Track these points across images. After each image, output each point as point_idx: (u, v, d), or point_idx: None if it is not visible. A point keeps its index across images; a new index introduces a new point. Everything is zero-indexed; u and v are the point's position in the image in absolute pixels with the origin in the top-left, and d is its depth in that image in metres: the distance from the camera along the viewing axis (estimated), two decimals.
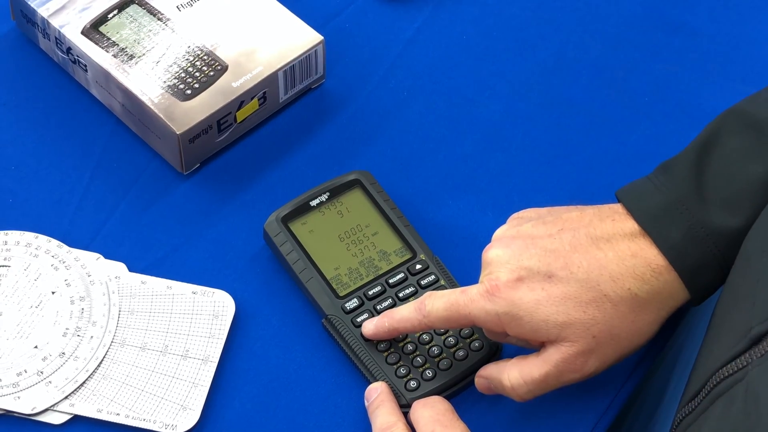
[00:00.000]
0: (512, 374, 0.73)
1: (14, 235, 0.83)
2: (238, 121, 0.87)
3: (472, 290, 0.73)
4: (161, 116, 0.84)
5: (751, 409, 0.58)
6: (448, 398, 0.76)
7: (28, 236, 0.83)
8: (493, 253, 0.73)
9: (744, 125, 0.73)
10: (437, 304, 0.74)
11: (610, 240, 0.72)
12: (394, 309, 0.77)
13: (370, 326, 0.77)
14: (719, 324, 0.68)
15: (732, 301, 0.68)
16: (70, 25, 0.89)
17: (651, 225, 0.71)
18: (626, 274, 0.71)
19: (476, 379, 0.76)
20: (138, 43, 0.88)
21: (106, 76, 0.87)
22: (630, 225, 0.72)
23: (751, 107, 0.74)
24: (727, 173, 0.72)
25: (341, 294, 0.80)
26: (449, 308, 0.73)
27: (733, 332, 0.64)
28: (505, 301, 0.71)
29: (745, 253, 0.68)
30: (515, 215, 0.77)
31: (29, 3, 0.89)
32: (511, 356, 0.75)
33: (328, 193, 0.84)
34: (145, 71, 0.86)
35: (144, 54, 0.87)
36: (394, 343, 0.78)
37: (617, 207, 0.74)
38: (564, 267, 0.71)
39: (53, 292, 0.81)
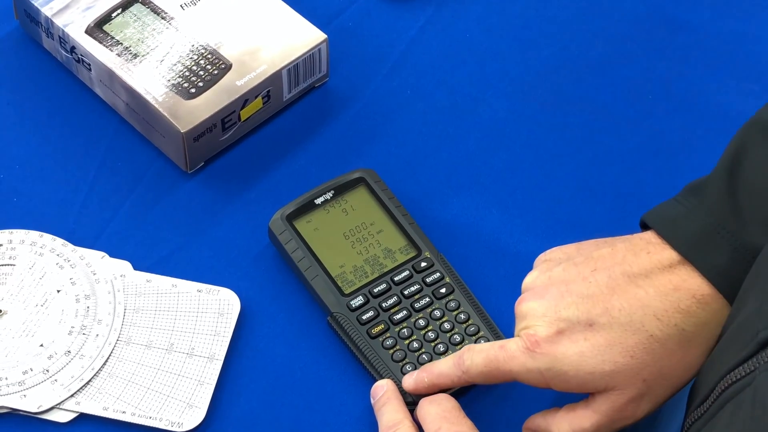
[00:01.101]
0: (562, 427, 0.70)
1: (19, 234, 0.83)
2: (242, 119, 0.87)
3: (511, 345, 0.70)
4: (165, 115, 0.84)
5: (758, 415, 0.58)
6: (455, 396, 0.76)
7: (33, 235, 0.83)
8: (527, 306, 0.71)
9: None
10: (476, 360, 0.72)
11: (649, 275, 0.68)
12: (433, 363, 0.75)
13: (410, 381, 0.75)
14: (728, 328, 0.67)
15: (741, 306, 0.66)
16: (74, 24, 0.89)
17: (693, 252, 0.68)
18: (671, 309, 0.68)
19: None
20: (142, 42, 0.88)
21: (110, 75, 0.87)
22: (668, 255, 0.69)
23: None
24: (761, 189, 0.69)
25: (346, 292, 0.80)
26: (488, 364, 0.71)
27: (741, 336, 0.63)
28: (548, 357, 0.69)
29: (759, 258, 0.67)
30: (542, 257, 0.74)
31: (33, 2, 0.90)
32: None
33: (332, 191, 0.84)
34: (149, 70, 0.86)
35: (148, 53, 0.87)
36: (399, 340, 0.78)
37: (650, 236, 0.70)
38: (604, 312, 0.68)
39: (58, 291, 0.81)
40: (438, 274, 0.81)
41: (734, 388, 0.62)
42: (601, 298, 0.69)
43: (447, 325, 0.79)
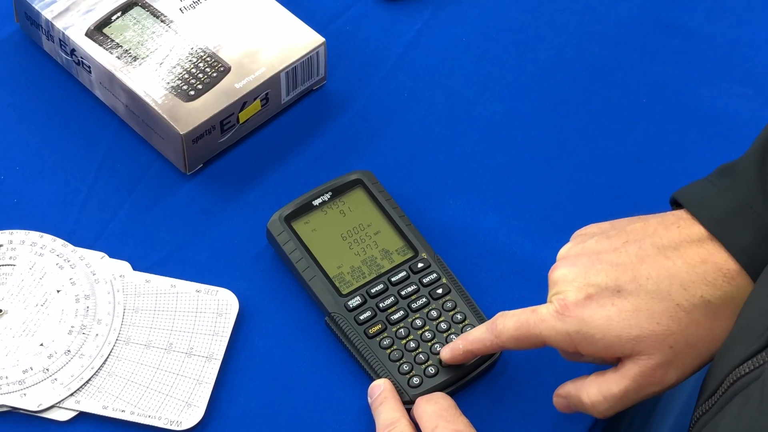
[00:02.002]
0: (591, 391, 0.71)
1: (19, 235, 0.84)
2: (241, 121, 0.88)
3: (542, 310, 0.72)
4: (165, 117, 0.85)
5: (766, 408, 0.59)
6: (451, 394, 0.77)
7: (33, 235, 0.84)
8: (559, 273, 0.72)
9: None
10: (508, 323, 0.73)
11: (678, 248, 0.70)
12: (468, 332, 0.77)
13: (446, 351, 0.77)
14: (738, 322, 0.68)
15: (751, 300, 0.67)
16: (74, 26, 0.89)
17: (720, 229, 0.70)
18: (697, 281, 0.69)
19: (554, 399, 0.75)
20: (141, 45, 0.89)
21: (110, 78, 0.88)
22: (697, 230, 0.70)
23: None
24: None
25: (344, 292, 0.81)
26: (519, 328, 0.72)
27: (751, 331, 0.64)
28: (576, 320, 0.70)
29: None
30: (578, 232, 0.75)
31: (33, 5, 0.90)
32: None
33: (330, 193, 0.84)
34: (148, 72, 0.87)
35: (147, 55, 0.88)
36: (396, 340, 0.79)
37: (681, 213, 0.72)
38: (632, 280, 0.70)
39: (58, 291, 0.81)
40: (434, 275, 0.82)
41: (743, 382, 0.63)
42: (630, 267, 0.70)
43: (443, 325, 0.80)
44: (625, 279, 0.70)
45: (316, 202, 0.84)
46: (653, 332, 0.69)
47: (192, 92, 0.86)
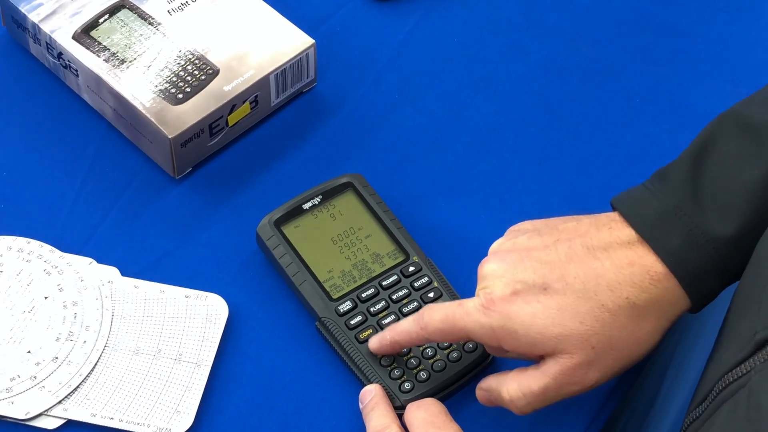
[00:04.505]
0: (511, 387, 0.72)
1: (6, 240, 0.83)
2: (230, 124, 0.87)
3: (468, 303, 0.72)
4: (153, 120, 0.84)
5: (753, 415, 0.58)
6: (442, 400, 0.76)
7: (21, 241, 0.83)
8: (488, 267, 0.73)
9: (739, 128, 0.72)
10: (435, 316, 0.73)
11: (607, 249, 0.70)
12: (396, 323, 0.77)
13: (375, 341, 0.77)
14: (728, 329, 0.68)
15: (741, 306, 0.67)
16: (61, 30, 0.89)
17: (648, 232, 0.70)
18: (624, 282, 0.69)
19: (477, 392, 0.75)
20: (129, 48, 0.88)
21: (98, 81, 0.87)
22: (627, 233, 0.71)
23: (747, 110, 0.73)
24: (724, 178, 0.70)
25: (334, 297, 0.80)
26: (445, 320, 0.73)
27: (740, 337, 0.64)
28: (500, 315, 0.71)
29: (757, 257, 0.67)
30: (512, 228, 0.76)
31: (20, 8, 0.90)
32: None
33: (320, 196, 0.84)
34: (136, 76, 0.86)
35: (135, 58, 0.87)
36: None
37: (614, 215, 0.72)
38: (560, 278, 0.70)
39: (46, 297, 0.80)
40: (426, 279, 0.81)
41: (730, 389, 0.62)
42: (559, 265, 0.71)
43: None
44: (552, 277, 0.70)
45: (306, 206, 0.83)
46: (576, 331, 0.69)
47: (180, 95, 0.86)
